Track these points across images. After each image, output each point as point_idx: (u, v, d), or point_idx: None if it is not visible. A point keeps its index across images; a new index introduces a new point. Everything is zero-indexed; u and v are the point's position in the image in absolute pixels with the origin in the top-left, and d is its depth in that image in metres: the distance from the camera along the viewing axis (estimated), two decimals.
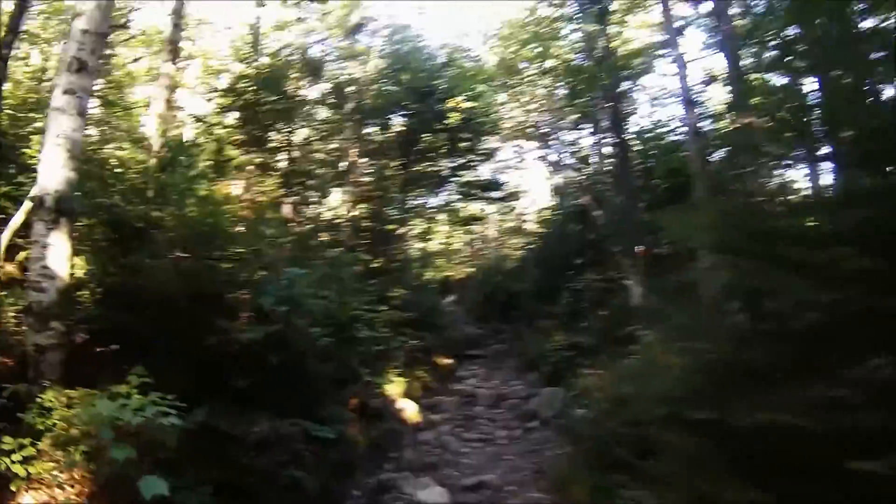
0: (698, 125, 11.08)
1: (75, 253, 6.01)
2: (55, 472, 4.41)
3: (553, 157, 20.93)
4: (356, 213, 18.06)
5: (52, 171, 5.66)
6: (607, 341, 12.56)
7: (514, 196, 24.99)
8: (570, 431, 8.33)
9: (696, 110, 10.82)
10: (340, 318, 9.26)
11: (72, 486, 4.43)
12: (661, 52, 16.23)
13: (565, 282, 16.35)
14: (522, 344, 17.91)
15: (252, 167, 13.95)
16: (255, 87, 14.21)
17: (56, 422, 4.58)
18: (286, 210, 13.96)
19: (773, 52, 9.72)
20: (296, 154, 15.53)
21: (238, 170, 12.10)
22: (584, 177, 17.80)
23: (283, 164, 14.23)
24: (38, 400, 4.70)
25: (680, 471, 3.76)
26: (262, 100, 13.89)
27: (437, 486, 7.76)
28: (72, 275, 5.84)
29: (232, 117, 14.44)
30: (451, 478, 8.28)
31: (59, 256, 5.59)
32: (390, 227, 19.34)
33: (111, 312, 6.08)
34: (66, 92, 5.82)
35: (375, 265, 15.59)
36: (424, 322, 16.02)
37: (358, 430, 9.47)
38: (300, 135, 16.62)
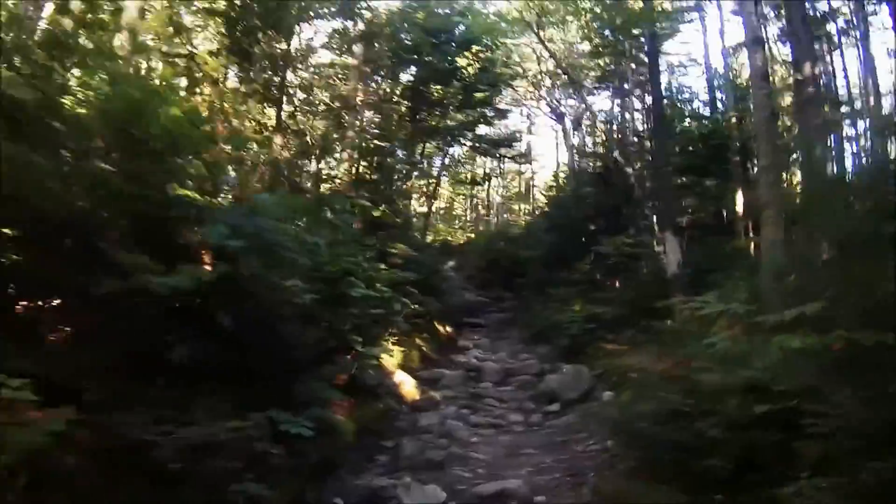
0: (765, 68, 8.83)
1: None
2: None
3: (573, 115, 18.66)
4: (359, 164, 15.70)
5: None
6: (637, 313, 10.58)
7: (526, 155, 22.74)
8: (619, 427, 6.25)
9: (759, 52, 8.55)
10: (331, 272, 7.10)
11: None
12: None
13: (584, 247, 14.22)
14: (529, 313, 15.85)
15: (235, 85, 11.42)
16: None
17: None
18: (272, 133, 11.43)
19: None
20: (289, 72, 12.79)
21: (213, 83, 9.72)
22: (609, 136, 15.55)
23: (271, 83, 11.68)
24: None
25: None
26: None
27: (444, 494, 5.70)
28: None
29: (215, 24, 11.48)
30: (461, 481, 6.20)
31: None
32: (395, 180, 17.07)
33: None
34: None
35: (376, 217, 13.39)
36: (425, 285, 13.92)
37: (346, 413, 7.41)
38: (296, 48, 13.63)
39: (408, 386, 10.17)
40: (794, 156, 12.70)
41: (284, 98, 12.31)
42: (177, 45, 9.51)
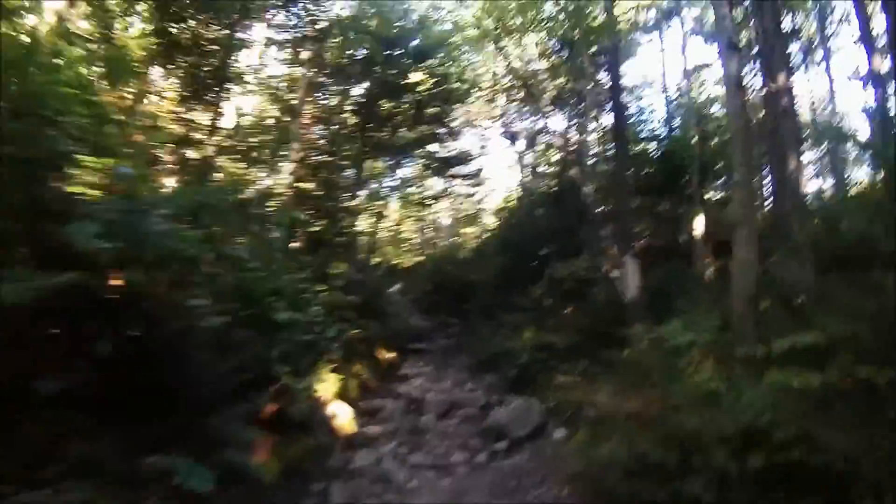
0: (740, 75, 8.24)
1: None
2: None
3: (527, 135, 18.02)
4: (302, 178, 14.62)
5: None
6: (592, 341, 9.80)
7: (478, 176, 21.97)
8: (578, 477, 5.35)
9: (734, 58, 7.95)
10: (254, 292, 6.06)
11: None
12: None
13: (536, 271, 13.44)
14: (477, 340, 14.92)
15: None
16: None
17: None
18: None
19: None
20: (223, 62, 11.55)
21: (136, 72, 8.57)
22: (566, 155, 14.89)
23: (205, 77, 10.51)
24: None
25: None
26: None
27: None
28: None
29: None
30: None
31: None
32: (340, 196, 16.01)
33: None
34: None
35: (318, 234, 12.34)
36: (368, 308, 12.90)
37: (268, 452, 6.35)
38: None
39: (343, 418, 9.10)
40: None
41: (222, 96, 11.19)
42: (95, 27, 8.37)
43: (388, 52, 16.40)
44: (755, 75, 12.65)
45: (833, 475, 3.60)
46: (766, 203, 12.83)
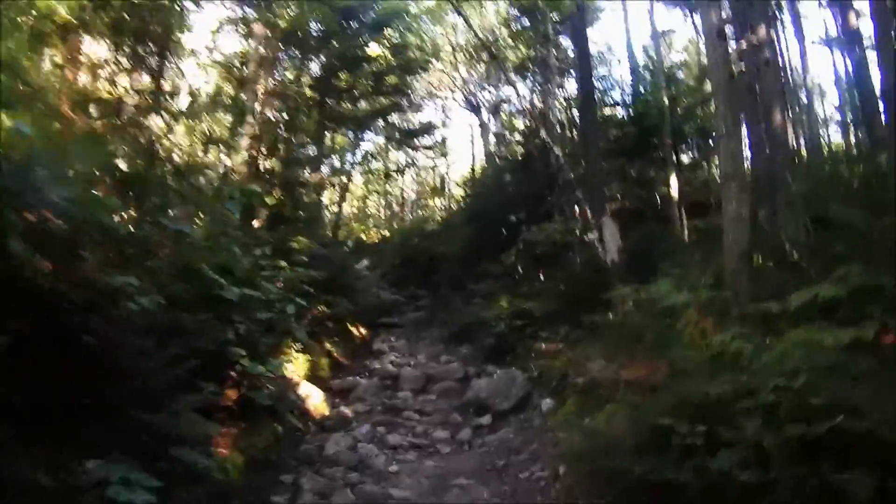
0: (721, 24, 7.65)
1: None
2: None
3: (492, 103, 17.31)
4: (258, 151, 13.68)
5: None
6: (571, 307, 9.26)
7: (441, 146, 21.19)
8: (576, 456, 4.75)
9: (714, 8, 7.35)
10: (198, 269, 5.30)
11: None
12: None
13: (507, 239, 12.83)
14: (449, 311, 14.28)
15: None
16: None
17: None
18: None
19: None
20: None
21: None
22: (535, 119, 14.18)
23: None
24: None
25: None
26: None
27: None
28: None
29: None
30: None
31: None
32: (299, 172, 15.11)
33: None
34: None
35: (278, 210, 11.51)
36: (335, 284, 12.15)
37: (231, 444, 5.68)
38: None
39: (315, 399, 8.45)
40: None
41: (165, 62, 10.20)
42: None
43: (344, 22, 15.46)
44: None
45: (880, 443, 3.04)
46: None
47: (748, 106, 8.66)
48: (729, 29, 11.20)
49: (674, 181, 12.77)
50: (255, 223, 12.00)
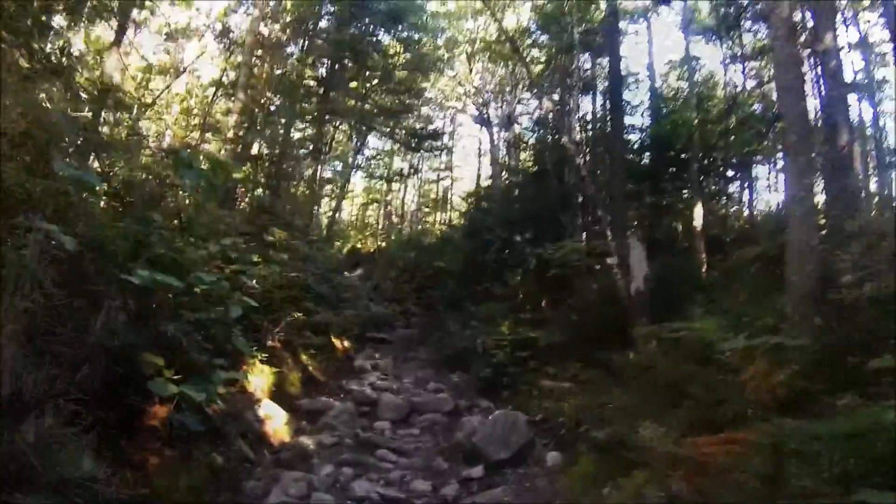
0: (791, 20, 6.32)
1: None
2: None
3: (505, 112, 15.97)
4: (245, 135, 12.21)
5: None
6: (584, 340, 7.87)
7: (449, 153, 19.92)
8: None
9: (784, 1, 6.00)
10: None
11: None
12: None
13: (513, 257, 11.37)
14: (443, 332, 12.76)
15: None
16: None
17: None
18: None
19: None
20: None
21: None
22: (558, 129, 12.77)
23: None
24: None
25: None
26: None
27: None
28: None
29: None
30: None
31: None
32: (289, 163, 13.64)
33: None
34: None
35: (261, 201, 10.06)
36: (319, 290, 10.66)
37: (140, 480, 4.18)
38: None
39: (277, 422, 6.97)
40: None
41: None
42: None
43: (356, 8, 14.15)
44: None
45: None
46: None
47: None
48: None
49: (699, 210, 11.36)
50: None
